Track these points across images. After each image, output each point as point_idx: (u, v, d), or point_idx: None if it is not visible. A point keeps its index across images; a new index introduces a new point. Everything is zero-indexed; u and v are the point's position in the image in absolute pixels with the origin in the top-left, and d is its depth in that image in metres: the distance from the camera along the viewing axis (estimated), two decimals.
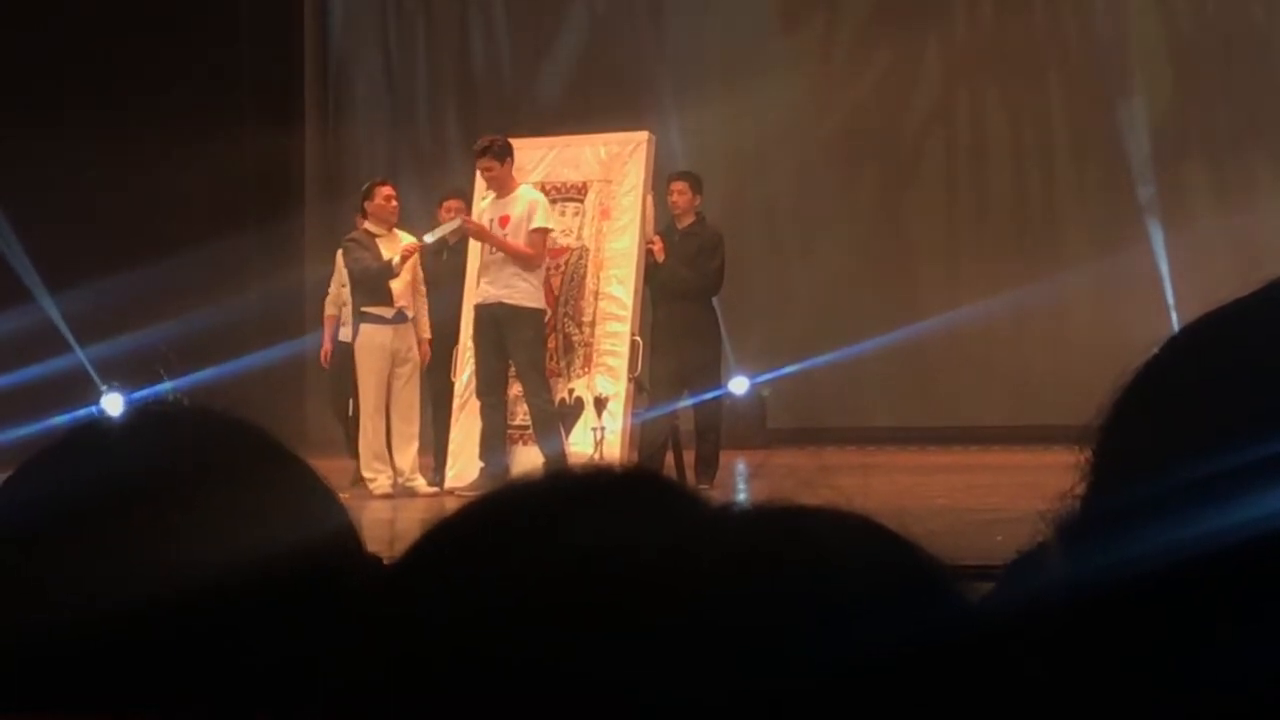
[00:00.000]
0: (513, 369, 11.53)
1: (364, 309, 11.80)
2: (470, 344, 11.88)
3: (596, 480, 0.76)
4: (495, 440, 11.41)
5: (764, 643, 0.66)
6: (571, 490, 0.76)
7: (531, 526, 0.72)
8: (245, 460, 1.03)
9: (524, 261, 11.30)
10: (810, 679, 0.65)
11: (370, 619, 0.74)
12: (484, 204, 11.68)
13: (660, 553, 0.69)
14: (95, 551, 0.95)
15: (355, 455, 12.08)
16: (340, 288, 12.32)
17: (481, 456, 11.42)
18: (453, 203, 12.45)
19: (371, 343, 11.77)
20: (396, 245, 11.89)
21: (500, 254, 11.36)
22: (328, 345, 12.41)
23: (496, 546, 0.72)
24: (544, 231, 11.38)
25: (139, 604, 0.92)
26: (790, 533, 0.71)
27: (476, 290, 11.53)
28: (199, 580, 0.93)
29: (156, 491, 0.98)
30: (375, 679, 0.70)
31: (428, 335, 12.03)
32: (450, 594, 0.71)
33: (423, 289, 12.04)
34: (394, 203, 12.01)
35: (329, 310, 12.52)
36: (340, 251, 12.27)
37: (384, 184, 12.17)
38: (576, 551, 0.69)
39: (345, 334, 12.22)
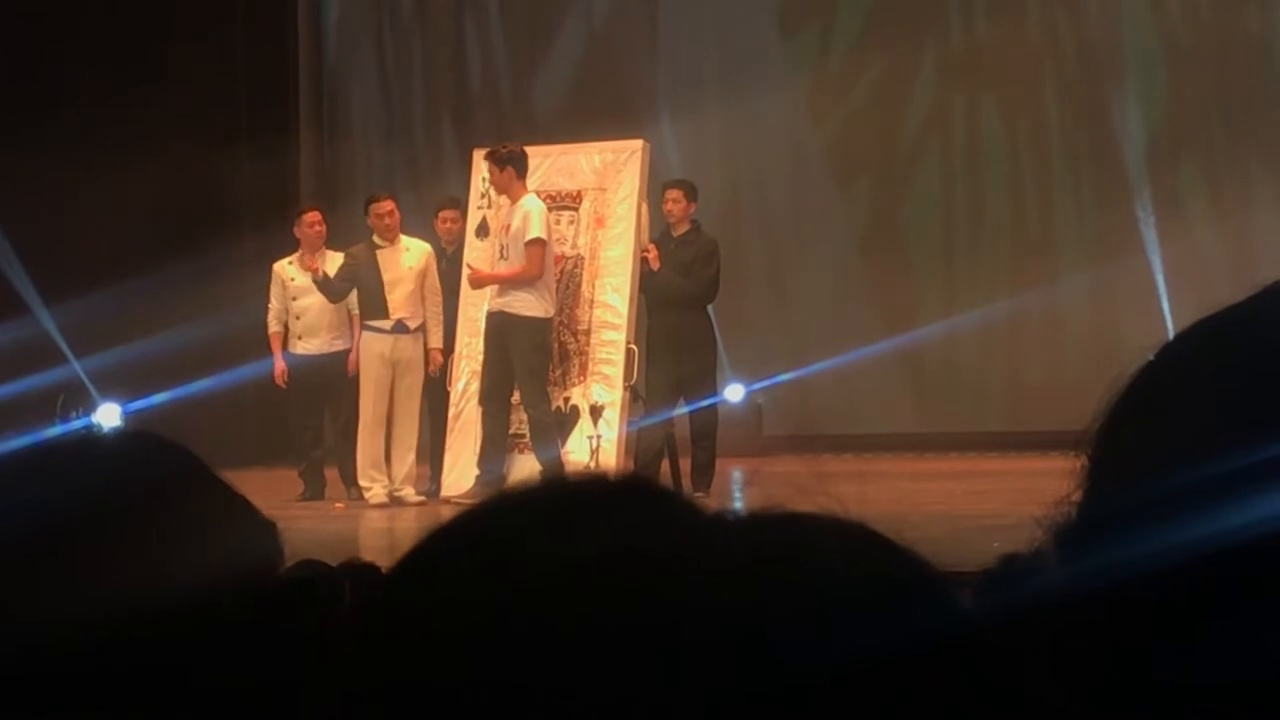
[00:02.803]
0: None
1: (365, 321, 11.85)
2: (465, 353, 11.92)
3: (592, 488, 0.76)
4: (494, 448, 11.41)
5: (762, 650, 0.66)
6: (567, 498, 0.76)
7: (528, 535, 0.72)
8: (170, 486, 1.03)
9: (521, 278, 11.31)
10: (808, 687, 0.65)
11: (365, 628, 0.73)
12: (496, 211, 11.77)
13: (657, 561, 0.69)
14: (18, 580, 0.95)
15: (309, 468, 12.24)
16: (281, 303, 12.31)
17: (479, 464, 11.41)
18: (448, 213, 12.49)
19: (370, 352, 11.78)
20: (398, 257, 11.91)
21: (507, 262, 11.40)
22: (280, 364, 12.28)
23: (492, 555, 0.72)
24: (540, 243, 11.35)
25: (67, 629, 0.92)
26: (787, 540, 0.71)
27: (488, 299, 11.57)
28: (124, 606, 0.93)
29: (81, 518, 0.98)
30: (371, 688, 0.70)
31: (438, 345, 12.01)
32: (445, 602, 0.71)
33: (437, 298, 12.02)
34: (388, 219, 11.98)
35: (273, 328, 12.36)
36: (281, 264, 12.33)
37: (382, 199, 12.15)
38: (573, 560, 0.69)
39: (305, 347, 12.21)
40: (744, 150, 16.31)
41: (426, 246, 12.11)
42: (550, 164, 12.28)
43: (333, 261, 12.18)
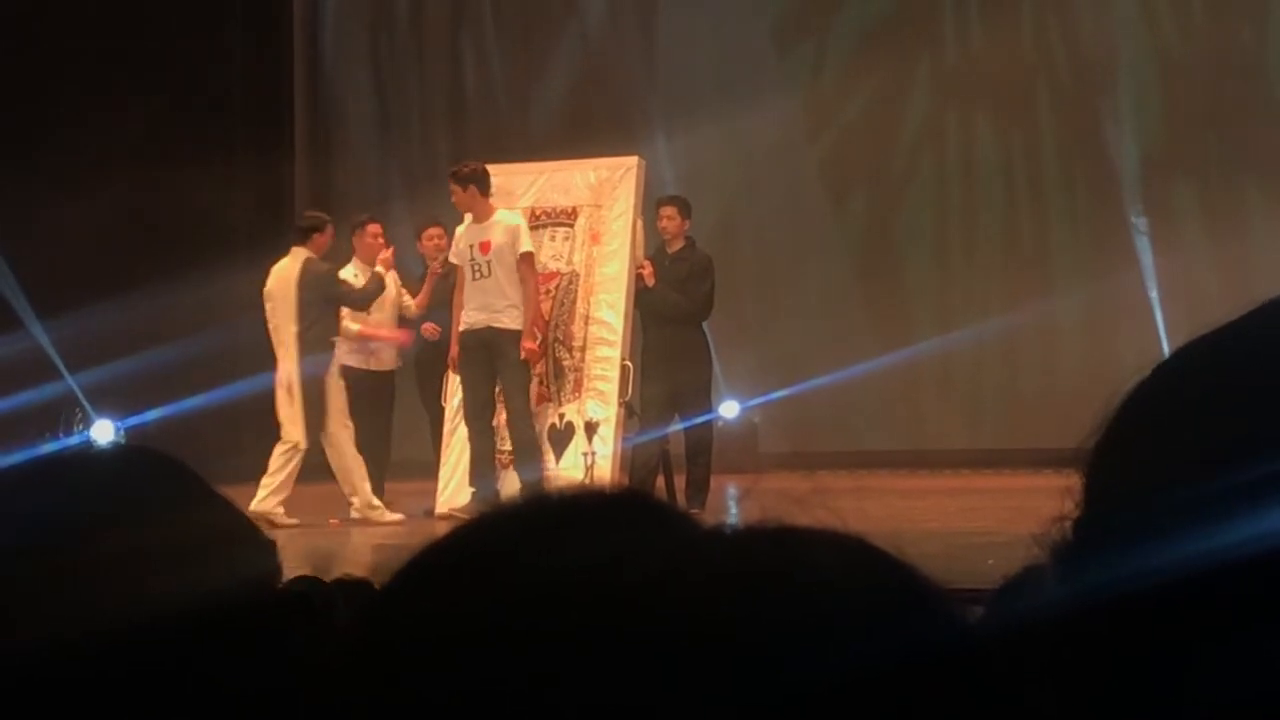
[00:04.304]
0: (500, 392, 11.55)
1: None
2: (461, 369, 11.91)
3: (586, 501, 0.76)
4: (484, 465, 11.39)
5: (759, 660, 0.66)
6: (561, 512, 0.76)
7: (523, 545, 0.72)
8: (167, 502, 1.03)
9: (533, 299, 11.32)
10: (806, 696, 0.65)
11: (361, 638, 0.73)
12: (460, 229, 11.70)
13: (652, 573, 0.69)
14: (17, 590, 0.95)
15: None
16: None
17: (471, 481, 11.40)
18: (432, 230, 12.52)
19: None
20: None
21: (487, 280, 11.37)
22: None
23: (488, 565, 0.72)
24: (532, 255, 11.40)
25: (66, 638, 0.92)
26: (783, 553, 0.71)
27: (465, 316, 11.50)
28: (119, 618, 0.93)
29: (79, 532, 0.98)
30: (367, 698, 0.70)
31: None
32: (441, 612, 0.71)
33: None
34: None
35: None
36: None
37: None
38: (568, 569, 0.69)
39: (353, 360, 12.18)
40: (739, 166, 16.34)
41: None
42: (545, 180, 12.29)
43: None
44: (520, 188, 12.09)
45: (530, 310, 11.34)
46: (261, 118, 17.91)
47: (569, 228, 12.12)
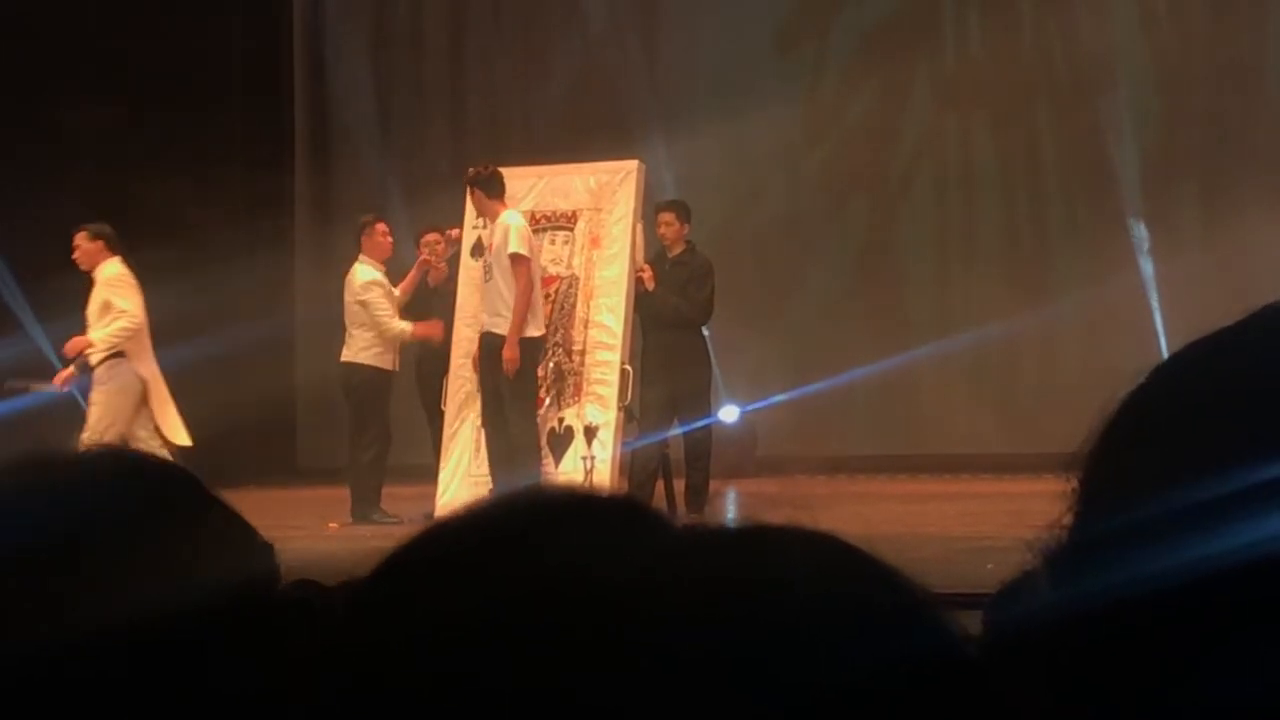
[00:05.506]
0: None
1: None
2: (458, 372, 11.93)
3: (567, 501, 0.76)
4: (501, 462, 11.37)
5: (730, 666, 0.66)
6: (540, 511, 0.76)
7: (499, 546, 0.72)
8: (165, 505, 1.03)
9: (521, 301, 11.26)
10: (793, 700, 0.66)
11: (344, 640, 0.74)
12: (483, 231, 11.81)
13: (629, 573, 0.69)
14: (11, 594, 0.95)
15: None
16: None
17: (492, 480, 11.38)
18: (429, 236, 12.54)
19: None
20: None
21: (490, 284, 11.39)
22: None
23: (463, 565, 0.72)
24: (520, 258, 11.29)
25: (61, 644, 0.93)
26: (758, 555, 0.71)
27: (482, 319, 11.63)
28: (121, 621, 0.93)
29: (75, 536, 0.98)
30: (343, 700, 0.70)
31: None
32: (416, 612, 0.71)
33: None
34: (74, 252, 11.80)
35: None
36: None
37: (81, 230, 11.89)
38: (543, 570, 0.70)
39: (366, 357, 12.13)
40: (739, 170, 16.34)
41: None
42: (545, 184, 12.29)
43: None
44: (520, 191, 12.10)
45: (516, 316, 11.25)
46: (261, 118, 17.90)
47: (569, 231, 12.12)
